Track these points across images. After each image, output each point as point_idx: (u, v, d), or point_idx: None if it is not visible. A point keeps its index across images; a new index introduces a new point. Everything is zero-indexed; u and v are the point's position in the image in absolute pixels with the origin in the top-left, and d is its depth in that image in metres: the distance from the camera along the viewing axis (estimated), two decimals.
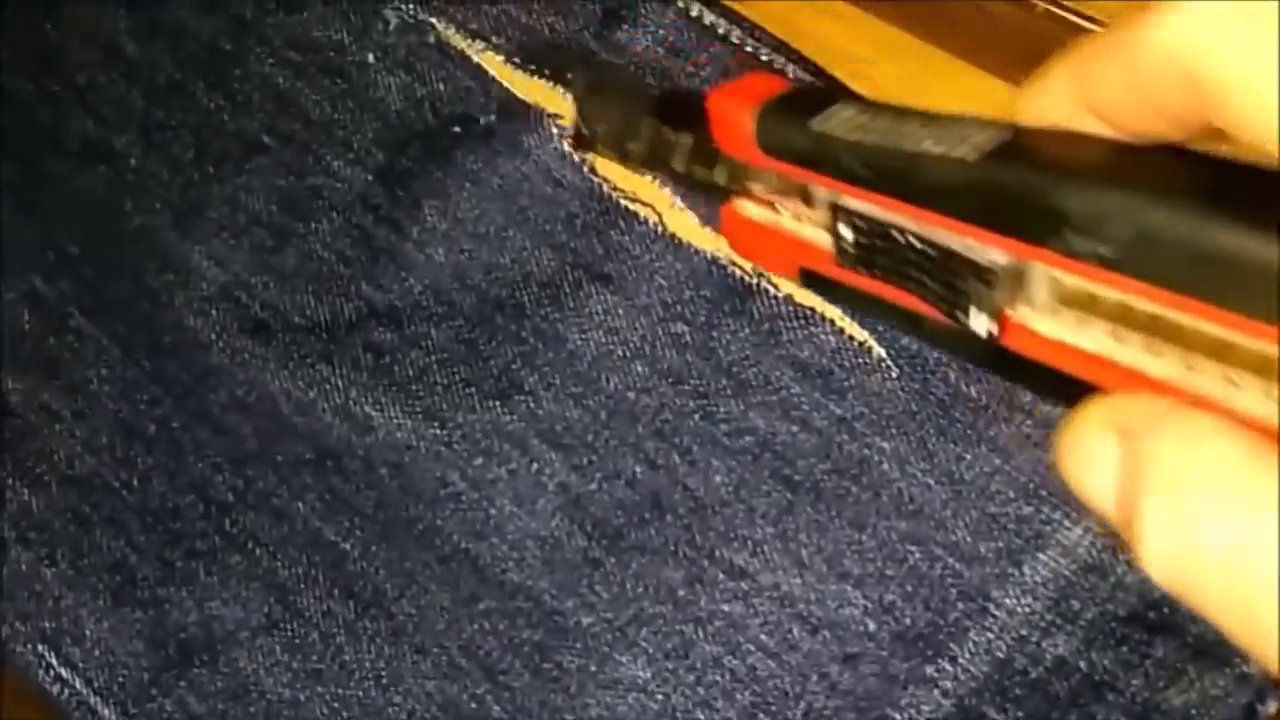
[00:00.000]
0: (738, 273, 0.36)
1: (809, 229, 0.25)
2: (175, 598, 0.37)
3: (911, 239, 0.21)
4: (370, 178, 0.39)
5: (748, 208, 0.27)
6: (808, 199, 0.25)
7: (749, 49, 0.38)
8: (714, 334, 0.36)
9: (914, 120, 0.22)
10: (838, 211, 0.23)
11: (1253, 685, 0.29)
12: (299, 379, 0.38)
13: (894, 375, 0.35)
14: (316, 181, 0.40)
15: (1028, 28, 0.35)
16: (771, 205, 0.26)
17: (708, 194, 0.32)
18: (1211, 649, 0.30)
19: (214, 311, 0.39)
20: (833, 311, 0.36)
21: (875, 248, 0.23)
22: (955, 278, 0.20)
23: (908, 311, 0.22)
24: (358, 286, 0.39)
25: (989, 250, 0.19)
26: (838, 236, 0.23)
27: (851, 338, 0.35)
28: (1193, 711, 0.29)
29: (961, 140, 0.20)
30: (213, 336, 0.39)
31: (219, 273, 0.40)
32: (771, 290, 0.36)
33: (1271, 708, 0.28)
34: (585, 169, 0.38)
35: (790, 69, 0.38)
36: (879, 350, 0.35)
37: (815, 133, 0.23)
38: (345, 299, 0.39)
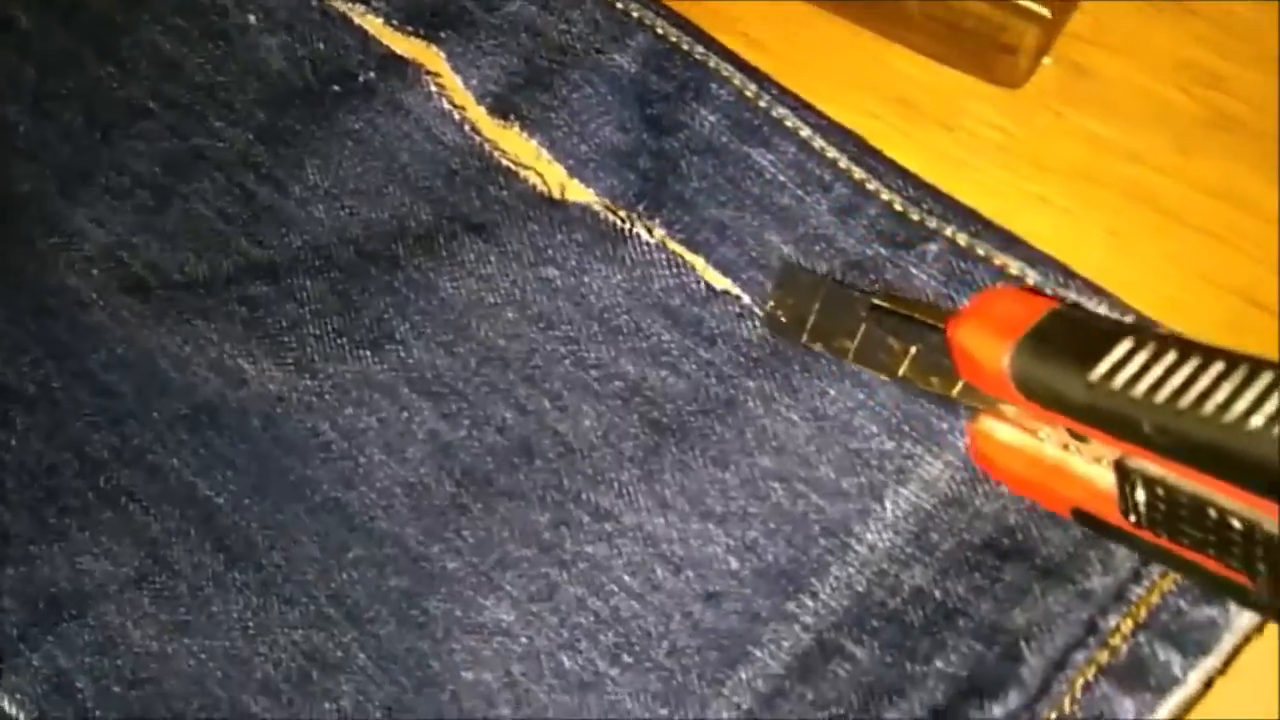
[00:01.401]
0: (610, 218, 0.36)
1: (1082, 463, 0.21)
2: (47, 554, 0.37)
3: (1234, 521, 0.18)
4: (252, 137, 0.40)
5: (1000, 430, 0.23)
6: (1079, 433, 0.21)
7: (619, 5, 0.38)
8: (585, 279, 0.36)
9: (1218, 368, 0.18)
10: (1127, 470, 0.20)
11: (1094, 601, 0.28)
12: (176, 335, 0.38)
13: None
14: (200, 142, 0.40)
15: None
16: (1031, 430, 0.22)
17: (939, 399, 0.27)
18: (1058, 569, 0.29)
19: (95, 272, 0.39)
20: (700, 262, 0.36)
21: (1180, 517, 0.19)
22: None
23: (1219, 576, 0.19)
24: (237, 243, 0.39)
25: None
26: (1126, 494, 0.20)
27: (725, 291, 0.35)
28: (1035, 629, 0.29)
29: None
30: (94, 296, 0.39)
31: (102, 234, 0.40)
32: (644, 236, 0.36)
33: (1113, 621, 0.28)
34: (466, 127, 0.39)
35: (688, 43, 0.38)
36: (746, 299, 0.35)
37: (1097, 387, 0.19)
38: (224, 255, 0.39)
